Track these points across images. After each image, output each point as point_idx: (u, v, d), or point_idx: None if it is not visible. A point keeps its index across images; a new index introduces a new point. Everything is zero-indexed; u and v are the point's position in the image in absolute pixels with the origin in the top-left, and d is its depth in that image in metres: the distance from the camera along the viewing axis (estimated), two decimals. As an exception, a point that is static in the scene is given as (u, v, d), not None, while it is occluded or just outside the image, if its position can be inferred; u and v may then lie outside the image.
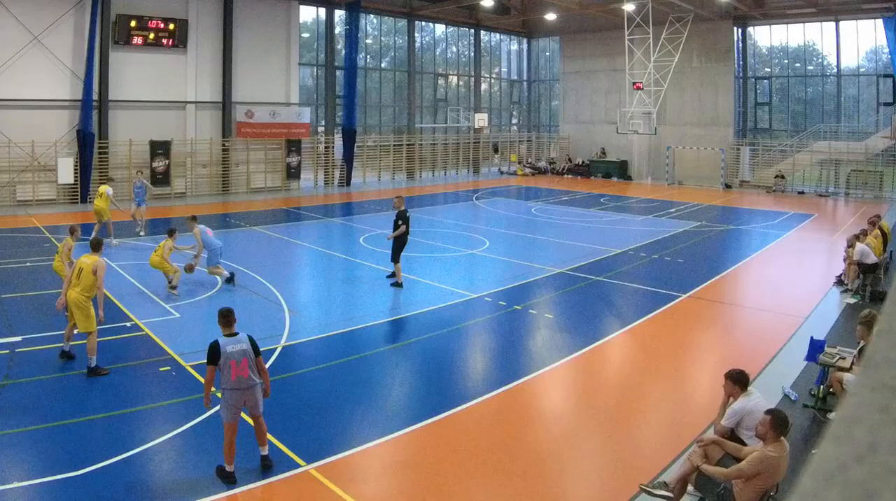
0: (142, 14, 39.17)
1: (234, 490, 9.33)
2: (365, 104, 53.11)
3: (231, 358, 9.63)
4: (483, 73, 61.75)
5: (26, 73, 35.68)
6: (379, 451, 10.67)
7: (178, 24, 40.49)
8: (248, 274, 21.78)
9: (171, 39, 40.43)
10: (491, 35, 62.31)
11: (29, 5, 35.75)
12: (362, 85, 51.58)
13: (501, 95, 65.11)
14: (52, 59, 36.52)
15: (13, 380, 12.77)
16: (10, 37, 35.15)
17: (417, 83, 56.05)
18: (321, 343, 15.31)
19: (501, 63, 65.00)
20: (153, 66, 39.94)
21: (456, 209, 39.99)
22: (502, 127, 65.27)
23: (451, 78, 60.66)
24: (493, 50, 63.41)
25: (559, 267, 23.33)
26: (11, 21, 35.14)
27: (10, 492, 9.03)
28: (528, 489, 9.64)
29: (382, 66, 55.23)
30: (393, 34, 55.06)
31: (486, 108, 61.28)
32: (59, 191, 37.26)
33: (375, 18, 53.62)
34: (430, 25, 57.31)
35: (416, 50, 55.73)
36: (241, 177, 44.41)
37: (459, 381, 13.85)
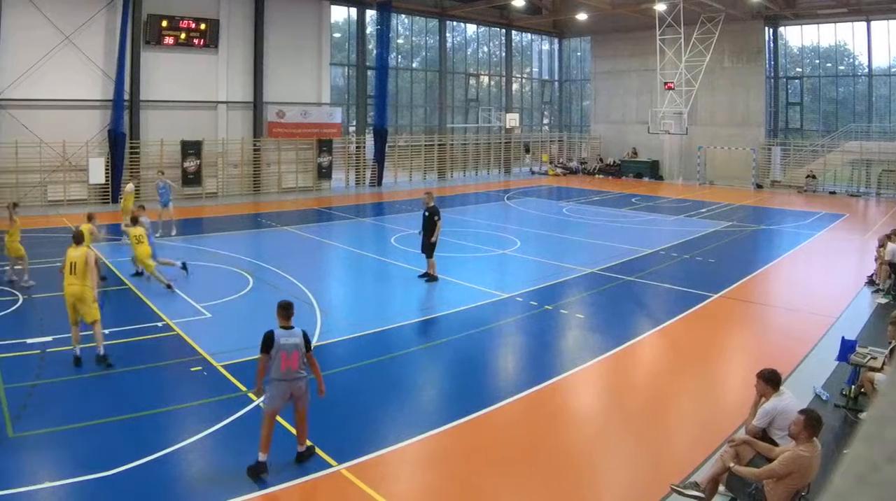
0: (173, 14, 38.37)
1: (265, 491, 9.15)
2: (396, 104, 51.97)
3: (283, 350, 9.71)
4: (514, 73, 60.52)
5: (58, 73, 34.90)
6: (410, 451, 10.52)
7: (209, 23, 39.69)
8: (280, 273, 21.34)
9: (203, 39, 39.64)
10: (522, 35, 61.01)
11: (60, 5, 34.98)
12: (393, 85, 50.64)
13: (533, 95, 63.70)
14: (84, 60, 35.73)
15: (44, 380, 12.59)
16: (42, 37, 34.38)
17: (448, 83, 54.87)
18: (352, 343, 14.95)
19: (533, 63, 63.64)
20: (184, 66, 39.12)
21: (487, 209, 39.23)
22: (533, 127, 63.83)
23: (483, 78, 59.33)
24: (524, 50, 62.11)
25: (590, 267, 22.87)
26: (43, 21, 34.35)
27: (41, 492, 8.93)
28: (558, 489, 9.51)
29: (414, 65, 54.13)
30: (424, 34, 54.10)
31: (517, 108, 59.92)
32: (90, 192, 36.49)
33: (407, 18, 52.52)
34: (461, 25, 56.13)
35: (448, 50, 54.63)
36: (272, 177, 43.52)
37: (490, 381, 13.66)
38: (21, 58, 33.84)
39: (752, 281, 22.14)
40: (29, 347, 14.23)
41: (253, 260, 23.27)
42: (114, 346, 13.97)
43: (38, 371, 13.04)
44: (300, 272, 21.63)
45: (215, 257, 23.34)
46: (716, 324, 17.61)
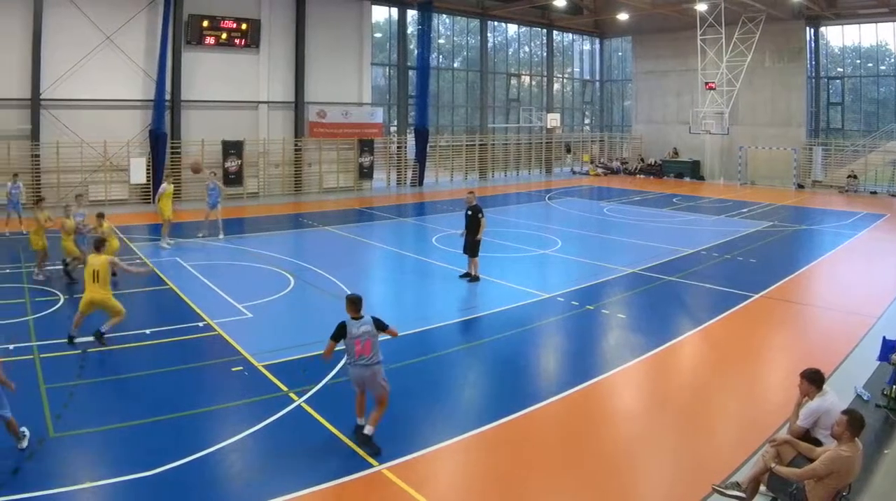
0: (214, 14, 37.35)
1: (305, 491, 8.91)
2: (437, 104, 50.57)
3: (356, 338, 10.19)
4: (555, 73, 58.88)
5: (99, 73, 34.00)
6: (451, 451, 10.33)
7: (250, 23, 38.60)
8: (321, 273, 20.94)
9: (244, 39, 38.55)
10: (563, 35, 59.43)
11: (101, 5, 34.05)
12: (435, 85, 49.20)
13: (574, 95, 62.07)
14: (125, 59, 34.76)
15: (85, 380, 12.39)
16: (83, 37, 33.48)
17: (490, 83, 53.37)
18: (393, 343, 13.97)
19: (574, 63, 61.96)
20: (225, 66, 38.12)
21: (528, 209, 38.35)
22: (575, 127, 62.10)
23: (524, 78, 57.73)
24: (565, 50, 60.47)
25: (632, 267, 22.42)
26: (84, 21, 33.42)
27: (82, 493, 8.77)
28: (600, 489, 9.41)
29: (455, 65, 52.62)
30: (465, 34, 52.34)
31: (558, 108, 58.42)
32: (131, 192, 35.58)
33: (448, 18, 50.98)
34: (502, 25, 54.87)
35: (489, 50, 53.18)
36: (313, 177, 42.36)
37: (532, 381, 13.43)
38: (62, 58, 32.93)
39: (794, 282, 21.66)
40: (70, 347, 13.98)
41: (294, 261, 22.83)
42: (155, 346, 14.12)
43: (79, 371, 12.80)
44: (341, 272, 21.10)
45: (256, 257, 22.85)
46: (757, 324, 17.21)
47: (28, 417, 10.46)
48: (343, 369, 12.19)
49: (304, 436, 10.59)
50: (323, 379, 12.66)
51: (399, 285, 21.24)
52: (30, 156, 32.62)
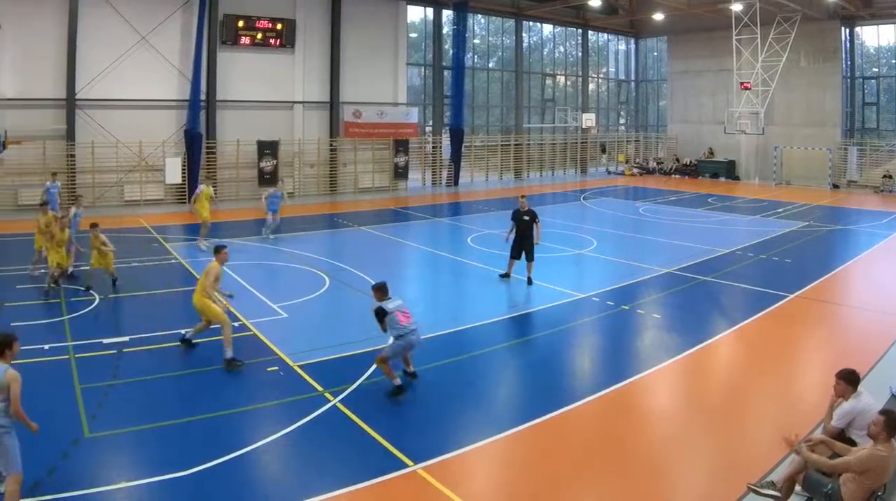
0: (249, 14, 36.44)
1: (341, 490, 8.71)
2: (472, 104, 49.23)
3: (396, 311, 11.65)
4: (591, 73, 57.28)
5: (134, 73, 33.19)
6: (487, 451, 10.12)
7: (285, 23, 37.64)
8: (356, 273, 20.45)
9: (279, 39, 37.60)
10: (598, 35, 57.79)
11: (136, 5, 33.23)
12: (470, 85, 47.86)
13: (609, 95, 60.44)
14: (160, 59, 33.92)
15: (120, 381, 12.15)
16: (118, 37, 32.67)
17: (525, 83, 51.90)
18: (429, 343, 13.78)
19: (609, 63, 60.35)
20: (261, 66, 37.19)
21: (564, 209, 37.21)
22: (610, 127, 60.54)
23: (559, 78, 56.15)
24: (600, 50, 58.82)
25: (667, 268, 21.90)
26: (119, 21, 32.59)
27: (117, 492, 8.61)
28: (635, 488, 9.16)
29: (490, 65, 51.25)
30: (500, 34, 50.92)
31: (593, 108, 56.86)
32: (167, 191, 34.72)
33: (483, 18, 49.58)
34: (537, 25, 53.30)
35: (524, 50, 51.72)
36: (348, 177, 41.27)
37: (567, 381, 13.14)
38: (97, 58, 32.17)
39: (829, 282, 21.08)
40: (105, 347, 13.71)
41: (329, 261, 22.34)
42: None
43: (114, 371, 12.55)
44: (376, 272, 20.07)
45: (292, 257, 22.38)
46: (792, 324, 16.74)
47: (63, 417, 10.34)
48: (377, 369, 12.20)
49: (340, 436, 10.35)
50: (358, 379, 12.31)
51: (434, 285, 20.64)
52: (65, 156, 31.84)
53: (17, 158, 30.63)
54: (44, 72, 31.21)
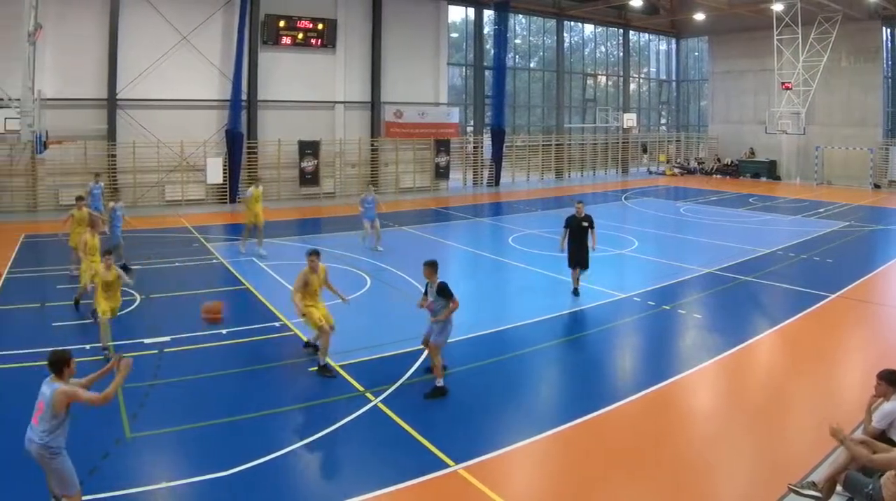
0: (290, 14, 35.17)
1: (381, 490, 8.43)
2: (514, 104, 47.58)
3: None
4: (632, 73, 55.11)
5: (175, 72, 32.08)
6: (528, 451, 9.81)
7: (326, 23, 36.26)
8: (397, 273, 19.87)
9: (320, 39, 36.24)
10: (640, 35, 55.57)
11: (177, 5, 32.12)
12: (511, 85, 46.07)
13: (650, 95, 58.28)
14: (201, 59, 32.76)
15: (161, 381, 11.87)
16: (159, 36, 31.57)
17: (566, 83, 49.92)
18: (470, 343, 13.82)
19: (650, 63, 58.25)
20: (302, 66, 35.88)
21: (605, 209, 35.49)
22: (651, 127, 58.46)
23: (600, 78, 54.21)
24: (641, 50, 56.64)
25: (708, 268, 21.24)
26: (160, 21, 31.48)
27: (159, 492, 8.39)
28: (676, 488, 8.87)
29: (531, 65, 49.45)
30: (542, 34, 49.01)
31: (634, 108, 54.76)
32: (208, 191, 33.58)
33: (524, 18, 47.87)
34: (578, 25, 51.07)
35: (565, 50, 49.69)
36: (389, 176, 39.78)
37: (608, 381, 12.84)
38: (138, 58, 31.14)
39: (870, 281, 20.42)
40: (146, 347, 13.38)
41: (371, 261, 21.64)
42: (231, 346, 13.63)
43: (155, 371, 12.22)
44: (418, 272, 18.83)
45: (333, 257, 21.22)
46: (833, 325, 16.35)
47: (104, 417, 9.89)
48: (418, 370, 12.30)
49: (381, 436, 10.05)
50: (399, 378, 11.95)
51: (476, 285, 19.52)
52: (106, 156, 30.77)
53: (59, 158, 29.66)
54: (85, 72, 30.17)
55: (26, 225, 26.95)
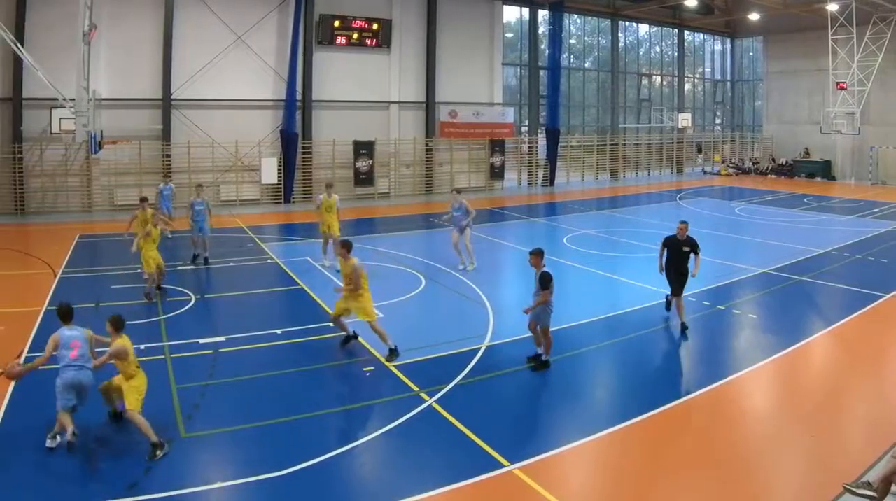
0: (345, 14, 33.09)
1: (436, 490, 8.01)
2: (568, 104, 44.67)
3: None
4: (686, 73, 52.01)
5: (229, 73, 30.35)
6: (583, 451, 9.30)
7: (381, 23, 34.15)
8: (452, 274, 18.90)
9: (375, 39, 34.15)
10: (694, 35, 52.32)
11: (232, 6, 30.28)
12: (566, 85, 43.34)
13: (705, 95, 54.92)
14: (256, 59, 30.90)
15: (216, 380, 11.31)
16: (214, 37, 29.78)
17: (621, 83, 47.07)
18: (524, 343, 12.91)
19: (705, 63, 54.93)
20: (356, 66, 33.85)
21: (659, 209, 34.25)
22: (706, 127, 55.05)
23: (655, 78, 51.16)
24: (696, 50, 53.38)
25: (762, 268, 20.15)
26: (215, 21, 29.68)
27: (213, 492, 8.04)
28: (729, 489, 8.37)
29: (586, 65, 46.60)
30: (596, 34, 46.35)
31: (689, 108, 51.57)
32: (263, 192, 31.78)
33: (579, 18, 45.02)
34: (633, 25, 48.15)
35: (620, 50, 46.92)
36: (444, 176, 37.46)
37: (663, 381, 12.07)
38: (193, 58, 29.49)
39: None
40: (201, 347, 12.83)
41: (425, 261, 20.58)
42: (286, 346, 13.05)
43: (210, 371, 11.68)
44: (472, 272, 19.08)
45: (387, 257, 20.84)
46: (889, 325, 15.50)
47: (159, 417, 9.44)
48: (472, 370, 11.83)
49: (435, 436, 9.56)
50: (454, 379, 11.36)
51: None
52: (161, 156, 29.08)
53: (113, 159, 28.10)
54: (139, 72, 28.54)
55: (81, 225, 25.75)
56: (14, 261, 20.11)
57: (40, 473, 8.30)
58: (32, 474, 8.27)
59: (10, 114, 27.13)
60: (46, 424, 8.95)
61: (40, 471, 8.33)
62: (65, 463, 8.44)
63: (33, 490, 7.95)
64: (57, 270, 18.59)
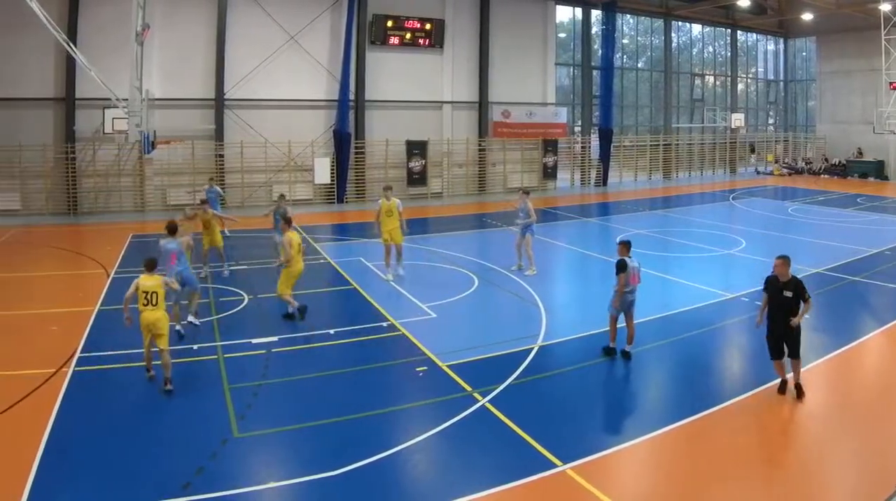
0: (398, 14, 30.75)
1: (489, 491, 7.51)
2: (621, 104, 41.67)
3: (633, 271, 11.24)
4: (739, 73, 48.45)
5: (282, 73, 28.29)
6: (635, 451, 8.57)
7: (434, 23, 31.72)
8: (504, 274, 17.71)
9: (428, 39, 31.75)
10: (747, 35, 48.73)
11: (285, 6, 28.19)
12: (618, 85, 40.27)
13: (758, 95, 51.28)
14: (308, 59, 28.76)
15: (269, 380, 10.70)
16: (267, 37, 27.73)
17: (674, 83, 43.82)
18: (577, 343, 12.40)
19: (758, 63, 51.32)
20: (409, 66, 31.54)
21: (713, 209, 32.12)
22: (759, 127, 51.45)
23: (708, 78, 47.72)
24: (749, 50, 49.83)
25: (816, 268, 18.86)
26: (267, 21, 27.58)
27: (266, 492, 7.58)
28: (784, 490, 7.82)
29: (639, 65, 43.42)
30: (649, 34, 43.04)
31: (742, 108, 48.00)
32: (316, 191, 29.63)
33: (632, 18, 41.83)
34: (686, 25, 44.91)
35: (673, 50, 43.79)
36: (497, 176, 34.86)
37: (715, 381, 11.17)
38: (245, 58, 27.53)
39: None
40: (254, 347, 12.08)
41: (478, 261, 19.41)
42: (339, 346, 12.33)
43: (263, 371, 11.01)
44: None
45: (440, 257, 19.85)
46: None
47: (212, 417, 9.18)
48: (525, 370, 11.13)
49: (488, 436, 8.90)
50: (507, 379, 10.61)
51: (582, 285, 17.81)
52: (214, 156, 27.10)
53: (166, 158, 26.23)
54: (192, 72, 26.61)
55: (134, 225, 24.09)
56: (67, 261, 19.10)
57: (95, 472, 7.83)
58: (87, 474, 7.80)
59: (63, 114, 25.37)
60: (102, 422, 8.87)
61: (95, 471, 7.86)
62: (119, 463, 8.04)
63: (88, 489, 7.49)
64: (110, 270, 17.65)
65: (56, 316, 13.83)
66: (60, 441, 8.55)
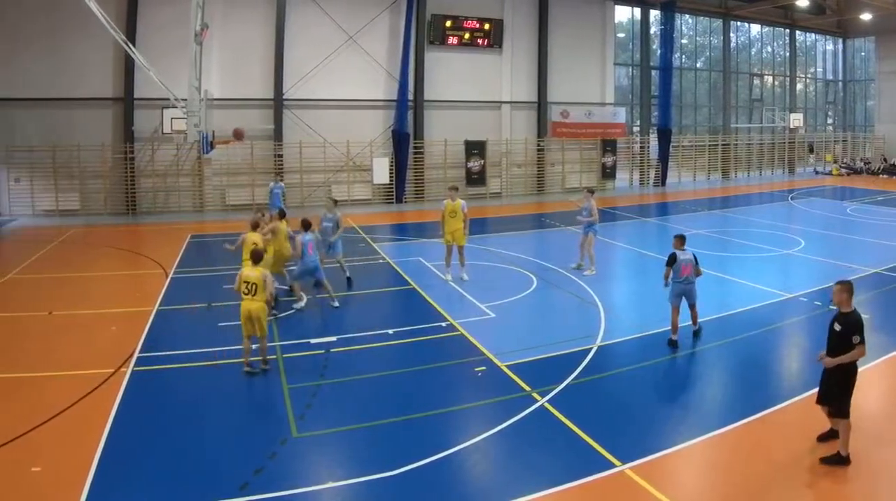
0: (457, 14, 28.11)
1: (548, 490, 6.96)
2: (680, 104, 38.39)
3: (683, 264, 11.08)
4: (798, 73, 44.48)
5: (341, 73, 25.93)
6: (694, 451, 7.92)
7: (493, 23, 28.96)
8: (563, 274, 16.37)
9: (486, 39, 29.06)
10: (806, 35, 44.68)
11: (344, 6, 25.88)
12: (677, 85, 36.97)
13: (816, 95, 47.20)
14: (367, 59, 26.41)
15: (328, 381, 9.87)
16: (325, 37, 25.49)
17: (732, 83, 40.28)
18: (635, 343, 11.49)
19: (816, 63, 47.27)
20: (468, 66, 28.92)
21: (771, 209, 29.95)
22: (817, 127, 47.42)
23: (766, 78, 43.90)
24: (807, 50, 45.77)
25: (875, 268, 17.32)
26: (326, 21, 25.32)
27: (325, 492, 7.05)
28: (844, 491, 7.15)
29: (697, 65, 39.96)
30: (708, 34, 39.52)
31: (800, 108, 44.05)
32: (374, 192, 27.33)
33: (690, 18, 38.38)
34: (745, 25, 41.20)
35: (731, 50, 40.32)
36: (555, 176, 32.01)
37: (774, 382, 10.12)
38: (304, 58, 25.43)
39: None
40: (313, 347, 11.38)
41: (537, 261, 17.99)
42: (398, 346, 11.47)
43: (321, 371, 10.33)
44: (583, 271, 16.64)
45: (499, 257, 18.52)
46: None
47: (271, 417, 8.67)
48: (584, 370, 10.30)
49: (547, 436, 8.12)
50: (566, 379, 9.82)
51: (641, 285, 16.34)
52: (273, 156, 24.90)
53: (225, 159, 24.13)
54: (251, 72, 24.43)
55: (193, 225, 22.21)
56: (126, 261, 18.08)
57: (152, 472, 7.36)
58: (144, 473, 7.33)
59: (121, 114, 23.40)
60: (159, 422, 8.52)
61: (152, 471, 7.38)
62: (177, 462, 7.53)
63: (145, 488, 7.06)
64: (169, 270, 16.72)
65: (115, 316, 13.09)
66: (119, 440, 8.09)
